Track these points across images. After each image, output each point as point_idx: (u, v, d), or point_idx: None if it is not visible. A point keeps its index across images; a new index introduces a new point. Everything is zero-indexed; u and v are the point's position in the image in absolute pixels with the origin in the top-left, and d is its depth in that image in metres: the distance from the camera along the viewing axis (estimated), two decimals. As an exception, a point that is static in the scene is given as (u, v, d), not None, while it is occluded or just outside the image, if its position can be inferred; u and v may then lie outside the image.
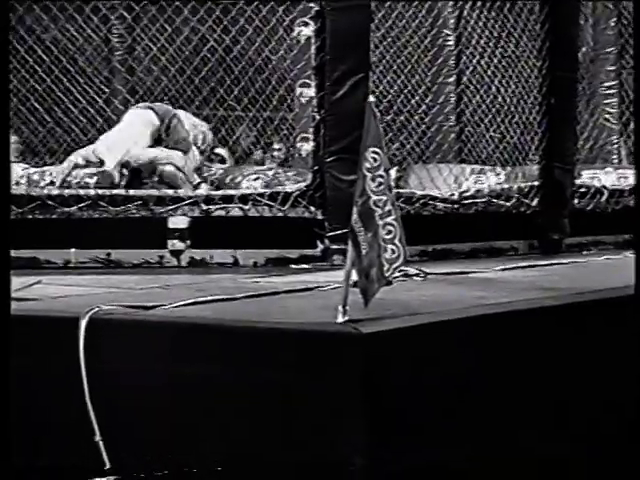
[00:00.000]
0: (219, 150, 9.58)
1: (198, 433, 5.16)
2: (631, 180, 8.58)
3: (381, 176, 5.12)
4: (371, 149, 5.15)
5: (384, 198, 5.08)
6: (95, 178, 8.50)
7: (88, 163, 8.72)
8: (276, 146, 9.99)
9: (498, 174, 8.34)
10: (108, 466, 5.16)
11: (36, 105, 9.01)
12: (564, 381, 5.68)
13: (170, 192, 7.70)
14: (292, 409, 4.99)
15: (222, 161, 9.38)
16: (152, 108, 8.63)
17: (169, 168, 8.33)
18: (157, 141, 8.68)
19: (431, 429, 5.13)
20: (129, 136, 8.70)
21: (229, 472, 5.12)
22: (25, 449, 5.37)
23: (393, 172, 5.58)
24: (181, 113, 8.77)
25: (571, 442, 5.74)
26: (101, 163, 8.63)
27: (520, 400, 5.48)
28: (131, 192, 7.56)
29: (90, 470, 5.19)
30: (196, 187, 8.39)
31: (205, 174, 8.71)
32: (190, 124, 8.71)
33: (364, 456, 4.87)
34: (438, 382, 5.18)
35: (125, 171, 8.61)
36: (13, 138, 9.33)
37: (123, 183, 8.60)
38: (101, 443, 5.17)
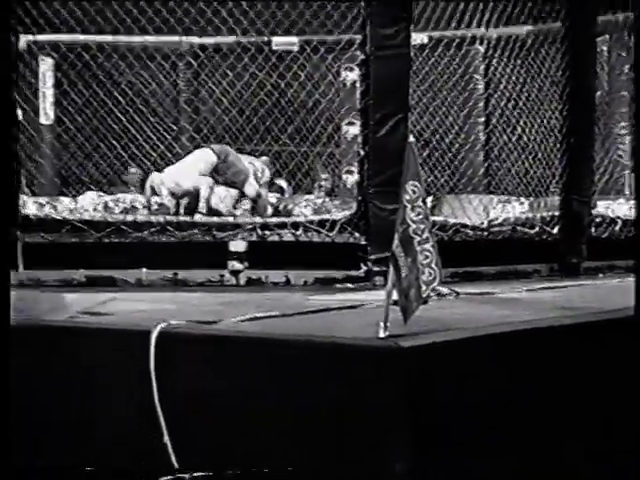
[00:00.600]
0: (279, 181, 9.60)
1: (257, 441, 5.15)
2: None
3: (420, 207, 5.17)
4: (411, 182, 5.19)
5: (422, 226, 5.13)
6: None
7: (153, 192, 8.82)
8: (324, 177, 9.98)
9: (522, 204, 8.32)
10: (177, 467, 5.17)
11: (113, 142, 9.04)
12: (586, 396, 5.63)
13: (230, 219, 7.78)
14: (340, 418, 4.98)
15: (281, 191, 9.39)
16: (212, 148, 8.70)
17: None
18: (216, 174, 8.75)
19: (470, 440, 5.10)
20: (183, 169, 8.79)
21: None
22: (98, 448, 5.41)
23: (428, 202, 5.60)
24: (239, 155, 8.84)
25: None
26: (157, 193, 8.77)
27: (545, 413, 5.45)
28: (196, 218, 7.62)
29: (160, 471, 5.19)
30: (233, 214, 8.51)
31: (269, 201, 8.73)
32: (248, 162, 8.76)
33: (408, 465, 4.86)
34: (473, 393, 5.17)
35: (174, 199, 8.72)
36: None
37: (181, 210, 8.72)
38: (169, 445, 5.17)
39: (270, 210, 8.84)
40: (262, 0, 8.06)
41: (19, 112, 7.19)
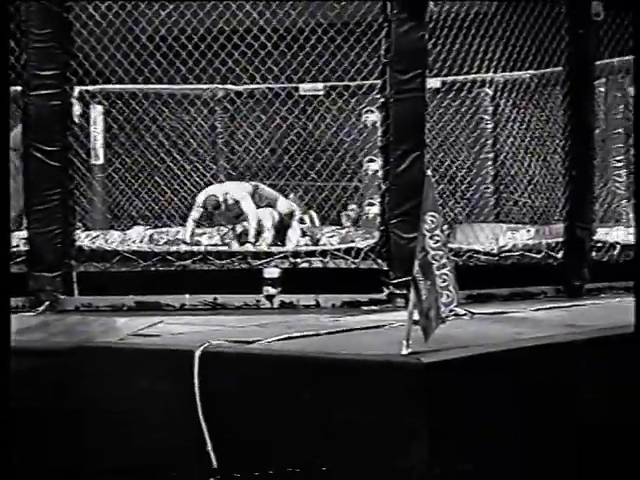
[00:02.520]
0: (311, 212, 9.61)
1: (292, 449, 5.11)
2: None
3: (438, 235, 5.16)
4: (429, 213, 5.20)
5: (440, 253, 5.13)
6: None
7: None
8: (350, 208, 9.95)
9: (529, 231, 8.26)
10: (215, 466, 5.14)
11: (158, 180, 9.05)
12: (592, 406, 5.59)
13: (264, 249, 7.78)
14: (368, 429, 4.95)
15: (312, 222, 9.40)
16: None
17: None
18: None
19: (486, 447, 5.08)
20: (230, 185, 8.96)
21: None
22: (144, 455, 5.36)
23: (445, 231, 5.56)
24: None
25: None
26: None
27: (555, 423, 5.42)
28: (234, 248, 7.63)
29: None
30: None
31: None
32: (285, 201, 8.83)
33: (430, 468, 4.82)
34: (489, 405, 5.12)
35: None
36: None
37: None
38: (212, 452, 5.14)
39: (300, 239, 8.80)
40: (291, 49, 8.02)
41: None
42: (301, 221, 8.93)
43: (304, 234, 8.81)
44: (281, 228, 8.78)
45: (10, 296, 4.76)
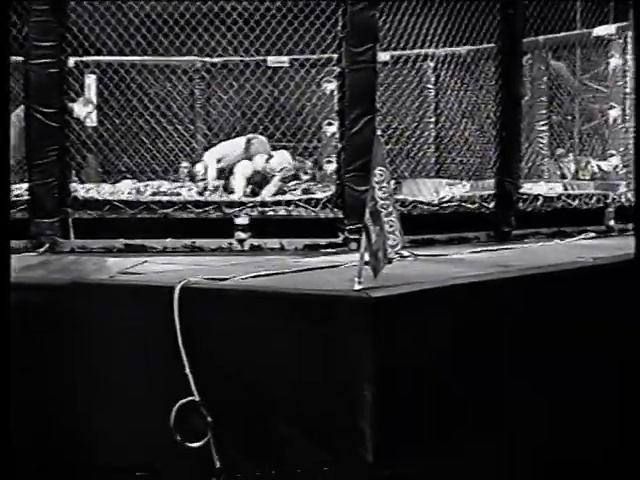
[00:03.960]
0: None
1: (258, 371, 5.11)
2: (558, 190, 8.54)
3: (385, 187, 5.14)
4: (378, 168, 5.19)
5: (388, 202, 5.11)
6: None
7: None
8: (309, 165, 9.88)
9: (465, 186, 8.28)
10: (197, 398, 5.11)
11: (144, 139, 8.97)
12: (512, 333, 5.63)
13: (236, 199, 7.74)
14: (323, 354, 4.97)
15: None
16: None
17: None
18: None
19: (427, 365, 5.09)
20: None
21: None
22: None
23: (392, 184, 5.53)
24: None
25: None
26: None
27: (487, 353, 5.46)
28: (209, 199, 7.57)
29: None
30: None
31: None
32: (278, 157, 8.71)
33: (374, 386, 4.83)
34: (429, 335, 5.15)
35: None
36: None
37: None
38: (189, 375, 5.08)
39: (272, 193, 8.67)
40: (260, 26, 7.96)
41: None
42: (295, 177, 8.77)
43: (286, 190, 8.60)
44: (262, 180, 8.63)
45: (10, 239, 4.66)
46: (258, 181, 8.53)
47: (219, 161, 8.77)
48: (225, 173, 8.83)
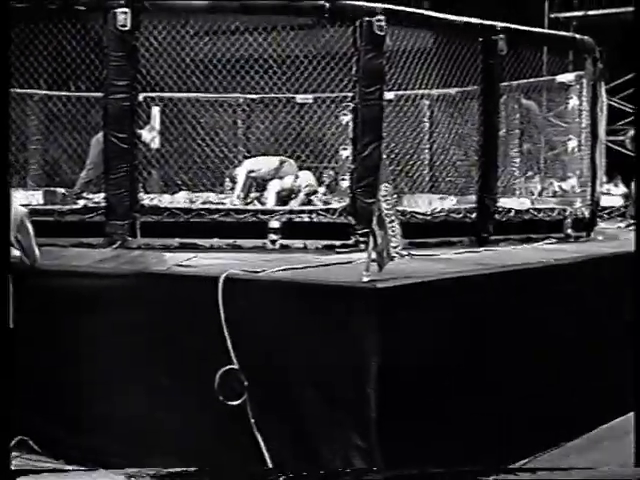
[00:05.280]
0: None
1: (284, 343, 5.08)
2: (526, 204, 8.48)
3: (389, 200, 5.14)
4: (383, 185, 5.20)
5: (390, 212, 5.12)
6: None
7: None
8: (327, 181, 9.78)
9: (452, 200, 8.24)
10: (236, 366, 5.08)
11: (196, 159, 8.96)
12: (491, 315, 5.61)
13: (270, 207, 7.72)
14: (336, 332, 4.99)
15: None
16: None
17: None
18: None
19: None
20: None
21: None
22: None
23: (394, 197, 5.54)
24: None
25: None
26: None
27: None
28: (249, 207, 7.56)
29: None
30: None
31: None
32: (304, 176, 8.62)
33: (379, 358, 4.82)
34: (425, 318, 5.14)
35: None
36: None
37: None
38: (231, 350, 5.04)
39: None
40: (290, 69, 7.94)
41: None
42: (315, 193, 8.70)
43: (309, 202, 8.51)
44: (290, 194, 8.59)
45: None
46: (287, 195, 8.51)
47: (252, 172, 8.75)
48: (259, 187, 8.80)
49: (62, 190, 8.40)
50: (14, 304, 5.41)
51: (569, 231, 8.34)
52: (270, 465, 4.93)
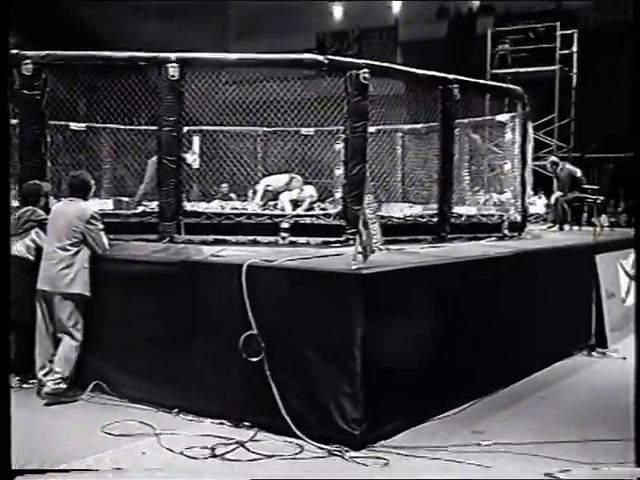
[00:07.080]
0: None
1: (291, 322, 4.99)
2: (474, 211, 8.38)
3: (371, 207, 5.03)
4: (367, 195, 5.05)
5: (373, 216, 5.02)
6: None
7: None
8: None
9: (419, 208, 8.14)
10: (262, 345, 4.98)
11: (226, 175, 8.87)
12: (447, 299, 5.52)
13: (280, 212, 7.62)
14: (326, 311, 4.88)
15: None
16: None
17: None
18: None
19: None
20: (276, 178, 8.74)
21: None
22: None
23: (376, 205, 5.44)
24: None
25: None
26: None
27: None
28: (266, 212, 7.46)
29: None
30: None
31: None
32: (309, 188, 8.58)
33: (363, 328, 4.73)
34: (400, 299, 5.06)
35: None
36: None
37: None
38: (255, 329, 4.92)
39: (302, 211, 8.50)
40: (297, 109, 7.84)
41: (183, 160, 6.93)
42: (316, 202, 8.59)
43: (312, 208, 8.41)
44: (297, 203, 8.51)
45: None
46: (295, 203, 8.49)
47: (268, 186, 8.76)
48: (273, 195, 8.76)
49: (127, 199, 8.34)
50: (91, 283, 5.56)
51: (505, 231, 8.27)
52: (280, 404, 4.84)
